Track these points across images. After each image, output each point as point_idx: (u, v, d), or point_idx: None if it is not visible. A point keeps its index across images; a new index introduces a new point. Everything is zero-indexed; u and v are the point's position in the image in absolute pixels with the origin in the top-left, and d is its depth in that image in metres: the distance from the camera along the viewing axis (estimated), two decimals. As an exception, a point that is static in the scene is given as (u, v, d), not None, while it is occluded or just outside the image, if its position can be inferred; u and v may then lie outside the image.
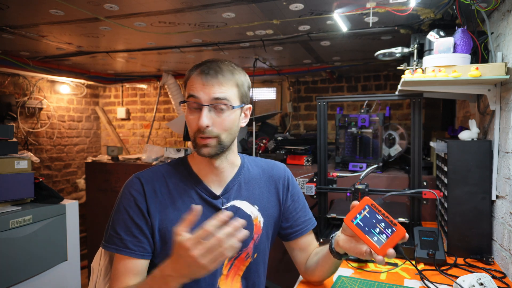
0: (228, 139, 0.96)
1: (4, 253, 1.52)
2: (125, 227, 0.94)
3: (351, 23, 1.89)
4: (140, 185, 0.97)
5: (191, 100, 0.93)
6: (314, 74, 3.55)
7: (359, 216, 0.88)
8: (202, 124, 0.91)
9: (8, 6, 1.70)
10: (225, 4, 1.66)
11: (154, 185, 0.98)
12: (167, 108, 4.23)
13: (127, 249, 0.93)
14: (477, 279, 1.01)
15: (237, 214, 1.01)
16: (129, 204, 0.95)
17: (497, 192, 1.37)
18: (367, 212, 0.88)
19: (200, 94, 0.92)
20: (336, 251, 0.99)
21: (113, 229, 0.95)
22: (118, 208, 0.96)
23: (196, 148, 0.96)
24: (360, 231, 0.87)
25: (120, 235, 0.93)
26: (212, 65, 0.94)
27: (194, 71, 0.96)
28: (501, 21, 1.36)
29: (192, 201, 0.98)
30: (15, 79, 3.32)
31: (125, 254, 0.92)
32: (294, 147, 2.60)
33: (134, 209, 0.95)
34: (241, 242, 0.76)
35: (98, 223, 3.06)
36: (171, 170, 1.03)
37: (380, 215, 0.87)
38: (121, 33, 2.16)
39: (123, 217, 0.95)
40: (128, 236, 0.93)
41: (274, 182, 1.12)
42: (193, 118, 0.94)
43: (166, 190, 0.98)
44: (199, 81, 0.93)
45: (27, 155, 1.79)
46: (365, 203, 0.89)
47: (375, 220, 0.86)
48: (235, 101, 0.96)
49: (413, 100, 1.54)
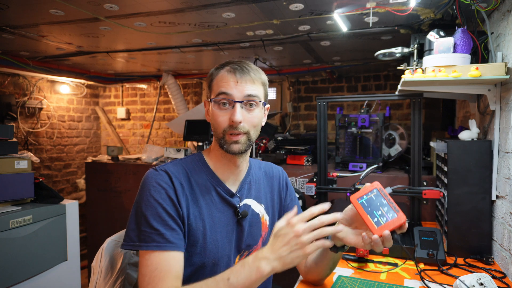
0: (255, 136, 0.99)
1: (4, 253, 1.52)
2: (162, 221, 0.88)
3: (351, 23, 1.89)
4: (168, 178, 0.93)
5: (222, 97, 0.94)
6: (314, 74, 3.55)
7: (365, 196, 0.91)
8: (237, 119, 0.92)
9: (8, 6, 1.70)
10: (225, 4, 1.66)
11: (180, 179, 0.95)
12: (167, 108, 4.23)
13: (170, 243, 0.87)
14: (477, 279, 1.01)
15: (249, 212, 1.04)
16: (160, 196, 0.90)
17: (497, 192, 1.37)
18: (374, 195, 0.91)
19: (233, 91, 0.93)
20: (333, 244, 1.00)
21: (147, 226, 0.87)
22: (147, 201, 0.89)
23: (224, 145, 0.95)
24: (362, 209, 0.90)
25: (159, 230, 0.87)
26: (241, 64, 0.97)
27: (222, 69, 0.97)
28: (501, 21, 1.36)
29: (212, 198, 0.98)
30: (15, 79, 3.32)
31: (169, 249, 0.86)
32: (294, 147, 2.60)
33: (166, 201, 0.90)
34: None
35: (98, 223, 3.06)
36: (191, 165, 1.01)
37: (385, 200, 0.89)
38: (121, 33, 2.16)
39: (157, 210, 0.88)
40: (167, 230, 0.88)
41: (274, 182, 1.16)
42: (223, 114, 0.94)
43: (189, 186, 0.97)
44: (232, 78, 0.94)
45: (27, 155, 1.79)
46: (374, 186, 0.92)
47: (379, 204, 0.89)
48: (262, 98, 1.00)
49: (413, 100, 1.54)
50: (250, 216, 1.03)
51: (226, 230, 0.98)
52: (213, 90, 0.98)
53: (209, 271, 0.95)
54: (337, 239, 0.97)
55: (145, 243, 0.86)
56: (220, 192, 1.00)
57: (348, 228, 0.96)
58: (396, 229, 0.86)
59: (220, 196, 1.00)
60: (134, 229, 0.89)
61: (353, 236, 0.93)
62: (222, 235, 0.97)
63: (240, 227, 1.01)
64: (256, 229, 1.05)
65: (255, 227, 1.05)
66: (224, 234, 0.98)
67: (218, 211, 0.98)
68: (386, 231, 0.85)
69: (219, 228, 0.97)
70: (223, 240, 0.97)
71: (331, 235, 1.01)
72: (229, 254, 0.99)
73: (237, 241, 1.01)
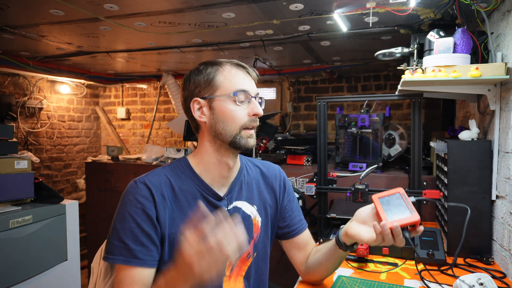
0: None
1: (4, 253, 1.52)
2: (133, 236, 0.88)
3: (351, 23, 1.89)
4: (147, 191, 0.91)
5: (243, 93, 0.96)
6: (314, 74, 3.55)
7: (387, 197, 0.95)
8: (260, 111, 0.96)
9: (8, 6, 1.70)
10: (225, 4, 1.66)
11: (162, 189, 0.93)
12: (167, 108, 4.23)
13: (136, 259, 0.87)
14: (477, 279, 1.01)
15: (239, 214, 1.01)
16: (135, 211, 0.89)
17: (497, 192, 1.37)
18: (395, 197, 0.94)
19: (250, 86, 0.97)
20: (343, 242, 1.00)
21: (118, 239, 0.88)
22: (123, 216, 0.90)
23: (241, 141, 0.95)
24: (380, 205, 0.93)
25: (128, 244, 0.87)
26: (241, 63, 1.00)
27: (226, 66, 0.98)
28: (501, 21, 1.36)
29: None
30: (15, 79, 3.32)
31: (135, 265, 0.87)
32: (294, 147, 2.60)
33: (142, 216, 0.89)
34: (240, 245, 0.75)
35: (98, 223, 3.06)
36: (175, 173, 0.99)
37: (405, 202, 0.92)
38: (121, 33, 2.16)
39: (129, 225, 0.89)
40: (137, 246, 0.88)
41: (271, 182, 1.13)
42: (240, 109, 0.95)
43: (172, 195, 0.95)
44: (245, 74, 0.98)
45: (27, 155, 1.79)
46: (397, 191, 0.95)
47: (398, 204, 0.93)
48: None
49: (413, 100, 1.54)
50: (240, 219, 1.02)
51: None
52: (222, 87, 0.95)
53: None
54: (348, 237, 0.97)
55: (112, 255, 0.88)
56: (207, 197, 0.98)
57: (362, 226, 0.95)
58: (409, 226, 0.88)
59: (207, 201, 0.98)
60: (108, 241, 0.91)
61: (366, 234, 0.93)
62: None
63: None
64: (246, 231, 1.02)
65: (245, 230, 1.03)
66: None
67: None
68: (395, 223, 0.87)
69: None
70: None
71: (342, 233, 1.00)
72: None
73: None
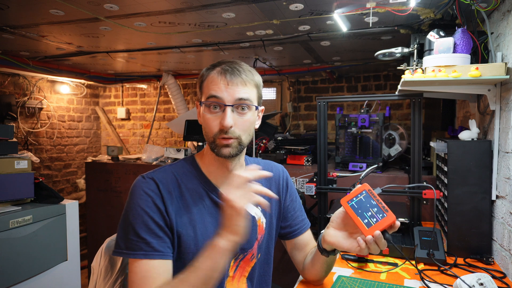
0: (247, 140, 0.96)
1: (4, 253, 1.52)
2: (148, 229, 0.87)
3: (351, 23, 1.89)
4: (155, 186, 0.92)
5: (212, 100, 0.90)
6: (314, 74, 3.55)
7: (355, 199, 0.93)
8: (227, 124, 0.88)
9: (8, 6, 1.70)
10: (225, 4, 1.66)
11: (168, 186, 0.93)
12: (167, 108, 4.23)
13: (156, 252, 0.87)
14: (477, 279, 1.01)
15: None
16: (146, 204, 0.89)
17: (497, 192, 1.37)
18: (363, 196, 0.93)
19: (223, 94, 0.90)
20: (323, 248, 1.00)
21: (134, 234, 0.87)
22: (134, 210, 0.89)
23: (215, 149, 0.93)
24: (353, 211, 0.92)
25: (145, 239, 0.87)
26: (233, 65, 0.92)
27: (213, 71, 0.93)
28: (501, 21, 1.36)
29: (204, 204, 0.96)
30: (15, 79, 3.32)
31: (156, 258, 0.86)
32: (294, 147, 2.60)
33: (153, 208, 0.89)
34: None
35: (98, 223, 3.06)
36: (182, 171, 0.99)
37: (374, 201, 0.91)
38: (121, 33, 2.16)
39: (143, 219, 0.88)
40: (154, 238, 0.87)
41: (274, 182, 1.13)
42: (213, 118, 0.91)
43: (179, 193, 0.95)
44: (222, 80, 0.90)
45: (27, 155, 1.79)
46: (363, 188, 0.94)
47: (369, 205, 0.91)
48: (255, 101, 0.96)
49: (413, 100, 1.54)
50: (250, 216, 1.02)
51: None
52: (204, 93, 0.94)
53: None
54: (328, 244, 0.97)
55: (132, 251, 0.87)
56: (212, 197, 0.98)
57: (339, 232, 0.96)
58: (387, 228, 0.88)
59: (212, 200, 0.98)
60: (122, 237, 0.89)
61: (345, 241, 0.93)
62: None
63: None
64: (251, 232, 1.02)
65: (250, 230, 1.02)
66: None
67: (211, 216, 0.96)
68: (376, 231, 0.86)
69: (212, 234, 0.93)
70: None
71: (321, 239, 1.01)
72: None
73: None
